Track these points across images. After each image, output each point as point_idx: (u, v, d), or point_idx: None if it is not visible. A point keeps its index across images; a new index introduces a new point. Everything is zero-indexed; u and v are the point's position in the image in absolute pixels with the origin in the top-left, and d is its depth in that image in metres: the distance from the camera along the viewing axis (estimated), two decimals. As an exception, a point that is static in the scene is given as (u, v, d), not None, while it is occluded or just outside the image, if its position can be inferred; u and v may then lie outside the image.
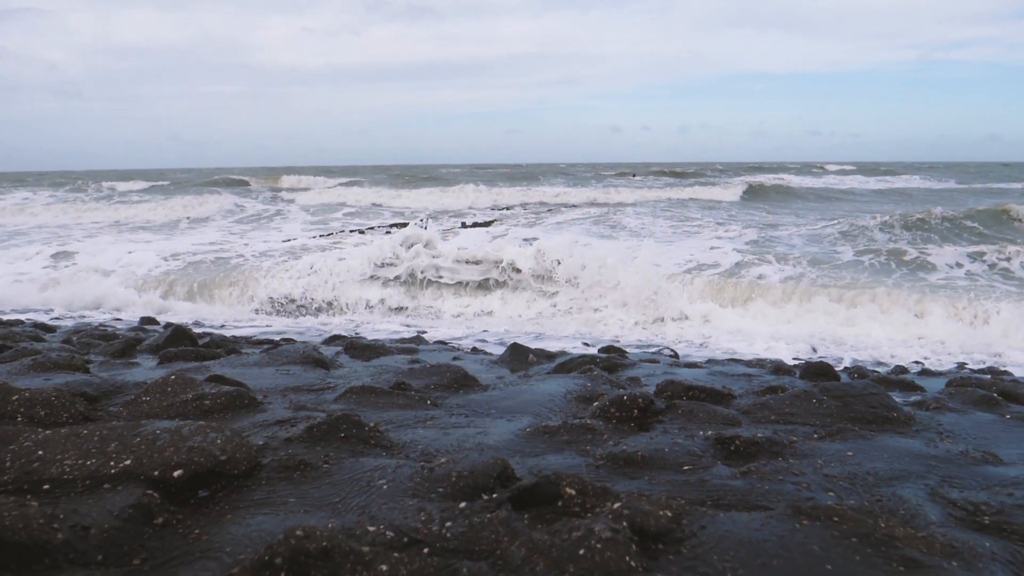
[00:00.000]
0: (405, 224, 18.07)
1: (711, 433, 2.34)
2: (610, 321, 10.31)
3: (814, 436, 2.43)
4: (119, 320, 9.52)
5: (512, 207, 29.04)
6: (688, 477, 1.94)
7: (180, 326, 4.86)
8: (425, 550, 1.43)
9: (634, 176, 51.34)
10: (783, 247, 15.59)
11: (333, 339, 6.18)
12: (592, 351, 5.93)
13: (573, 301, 11.13)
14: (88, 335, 5.32)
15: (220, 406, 2.59)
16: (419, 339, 6.78)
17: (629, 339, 9.01)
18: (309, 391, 3.09)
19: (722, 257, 14.01)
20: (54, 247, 16.93)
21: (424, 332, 8.88)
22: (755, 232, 18.09)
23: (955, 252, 13.71)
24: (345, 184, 41.18)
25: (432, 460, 2.01)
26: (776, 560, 1.38)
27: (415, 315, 11.42)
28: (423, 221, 18.35)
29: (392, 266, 12.33)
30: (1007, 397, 3.30)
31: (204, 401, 2.59)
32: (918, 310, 9.89)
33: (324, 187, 39.67)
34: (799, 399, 2.83)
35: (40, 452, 1.84)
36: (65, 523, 1.47)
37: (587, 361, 4.00)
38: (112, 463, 1.80)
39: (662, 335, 9.44)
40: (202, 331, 6.99)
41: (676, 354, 6.57)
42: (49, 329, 6.36)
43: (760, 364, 4.71)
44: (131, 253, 15.68)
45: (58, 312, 10.44)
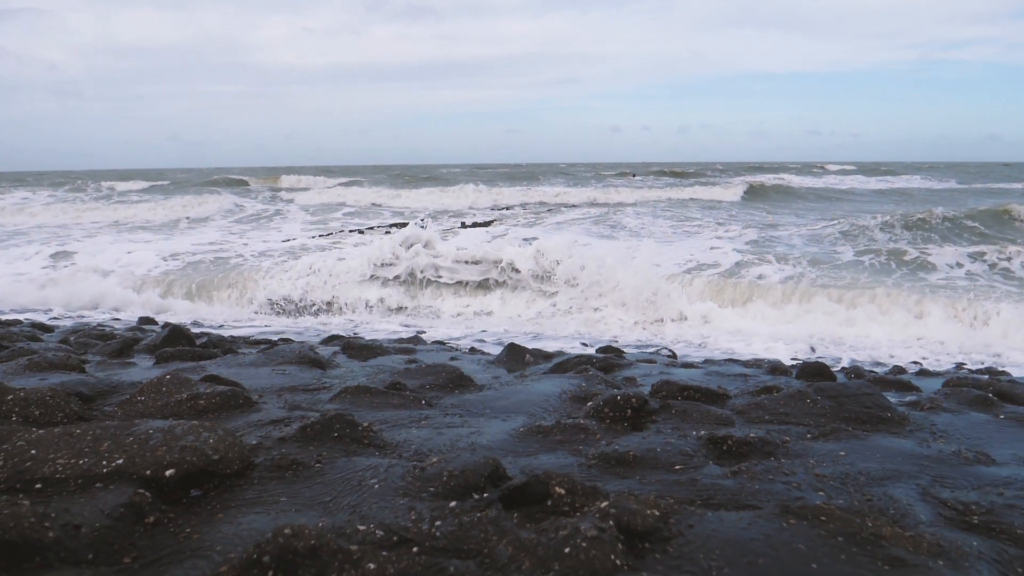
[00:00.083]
0: (405, 224, 18.06)
1: (704, 433, 2.34)
2: (610, 321, 10.31)
3: (807, 436, 2.44)
4: (118, 320, 9.53)
5: (512, 207, 29.04)
6: (679, 477, 1.95)
7: (177, 326, 4.86)
8: (414, 549, 1.44)
9: (634, 176, 51.30)
10: (783, 247, 15.59)
11: (331, 339, 6.18)
12: (590, 351, 5.93)
13: (573, 301, 11.13)
14: (86, 335, 5.33)
15: (215, 406, 2.60)
16: (417, 339, 6.78)
17: (628, 339, 9.01)
18: (304, 391, 3.10)
19: (722, 257, 14.01)
20: (53, 247, 16.93)
21: (423, 332, 8.89)
22: (755, 232, 18.08)
23: (956, 252, 13.71)
24: (345, 184, 41.17)
25: (424, 460, 2.01)
26: (762, 559, 1.38)
27: (415, 315, 11.42)
28: (423, 221, 18.35)
29: (392, 266, 12.34)
30: (1002, 397, 3.29)
31: (199, 401, 2.60)
32: (918, 311, 9.89)
33: (324, 187, 39.66)
34: (793, 399, 2.83)
35: (33, 451, 1.85)
36: (56, 522, 1.48)
37: (583, 361, 4.00)
38: (104, 462, 1.81)
39: (661, 335, 9.45)
40: (200, 331, 7.00)
41: (674, 354, 6.57)
42: (47, 329, 6.37)
43: (757, 364, 4.71)
44: (130, 253, 15.69)
45: (57, 312, 10.45)
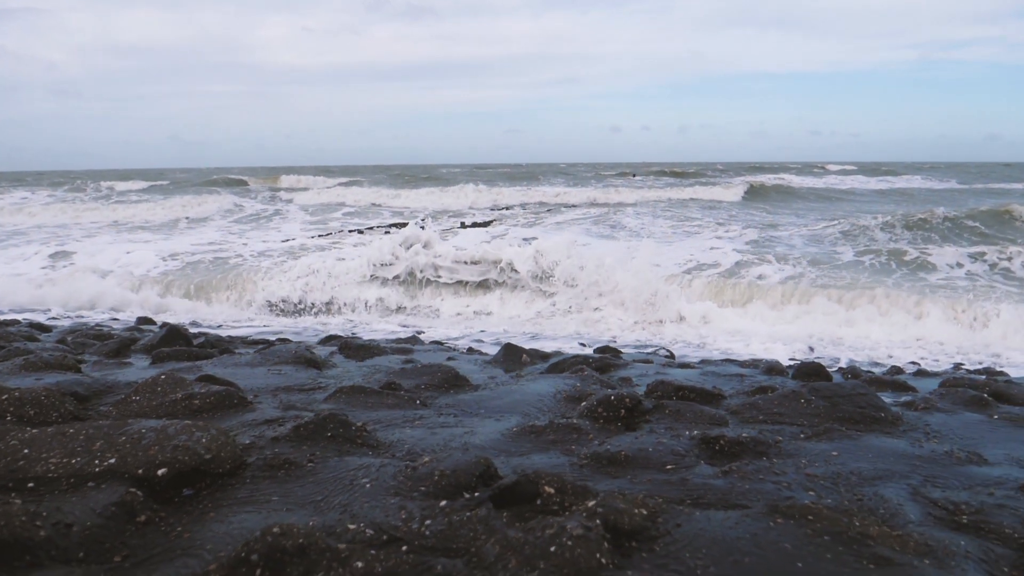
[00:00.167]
0: (404, 224, 18.07)
1: (697, 433, 2.34)
2: (609, 321, 10.32)
3: (800, 436, 2.44)
4: (116, 320, 9.54)
5: (512, 207, 29.04)
6: (670, 476, 1.95)
7: (175, 326, 4.87)
8: (403, 547, 1.45)
9: (634, 176, 51.31)
10: (783, 247, 15.59)
11: (329, 339, 6.19)
12: (587, 351, 5.94)
13: (572, 301, 11.13)
14: (83, 335, 5.34)
15: (209, 405, 2.60)
16: (415, 339, 6.79)
17: (627, 339, 9.02)
18: (300, 391, 3.10)
19: (722, 257, 14.01)
20: (52, 247, 16.95)
21: (422, 332, 8.89)
22: (755, 232, 18.09)
23: (956, 252, 13.71)
24: (344, 184, 41.19)
25: (417, 459, 2.02)
26: (748, 558, 1.39)
27: (414, 315, 11.44)
28: (422, 221, 18.36)
29: (391, 266, 12.35)
30: (998, 398, 3.30)
31: (193, 400, 2.60)
32: (917, 311, 9.90)
33: (323, 187, 39.68)
34: (787, 399, 2.83)
35: (26, 450, 1.86)
36: (48, 520, 1.49)
37: (580, 361, 4.00)
38: (97, 461, 1.81)
39: (660, 335, 9.46)
40: (198, 331, 7.01)
41: (672, 354, 6.57)
42: (45, 329, 6.38)
43: (754, 364, 4.71)
44: (129, 253, 15.70)
45: (55, 312, 10.46)
